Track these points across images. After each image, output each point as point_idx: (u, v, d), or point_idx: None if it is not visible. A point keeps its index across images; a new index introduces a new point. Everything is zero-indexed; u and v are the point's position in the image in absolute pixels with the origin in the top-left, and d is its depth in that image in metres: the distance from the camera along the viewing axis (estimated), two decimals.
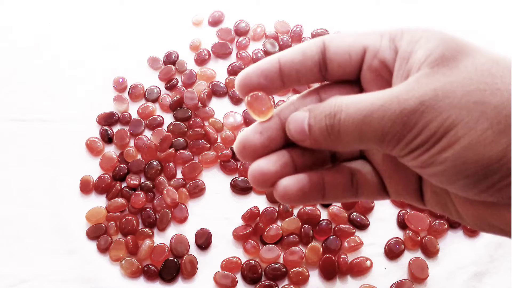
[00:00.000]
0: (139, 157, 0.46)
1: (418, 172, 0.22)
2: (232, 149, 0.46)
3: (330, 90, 0.25)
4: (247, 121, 0.48)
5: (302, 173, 0.24)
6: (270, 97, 0.24)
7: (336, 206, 0.44)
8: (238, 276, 0.41)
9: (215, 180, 0.46)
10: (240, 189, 0.45)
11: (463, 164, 0.20)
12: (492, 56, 0.21)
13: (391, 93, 0.21)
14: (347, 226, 0.43)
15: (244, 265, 0.41)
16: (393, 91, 0.21)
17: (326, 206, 0.44)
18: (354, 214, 0.43)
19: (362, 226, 0.43)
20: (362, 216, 0.43)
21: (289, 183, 0.23)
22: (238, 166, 0.46)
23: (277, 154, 0.24)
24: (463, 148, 0.20)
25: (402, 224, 0.43)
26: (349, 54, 0.24)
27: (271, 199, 0.44)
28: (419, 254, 0.42)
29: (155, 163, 0.46)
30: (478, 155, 0.20)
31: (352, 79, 0.25)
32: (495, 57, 0.21)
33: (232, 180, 0.45)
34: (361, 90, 0.25)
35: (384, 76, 0.23)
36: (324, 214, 0.44)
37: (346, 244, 0.42)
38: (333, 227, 0.43)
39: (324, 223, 0.43)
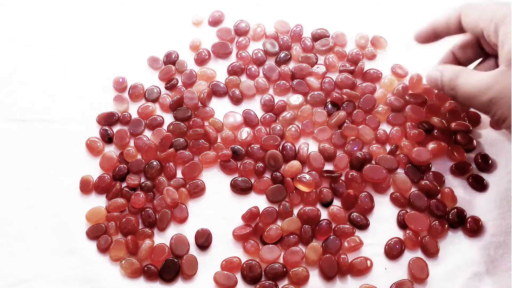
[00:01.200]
0: (139, 157, 0.47)
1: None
2: (232, 149, 0.46)
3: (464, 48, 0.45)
4: (247, 121, 0.48)
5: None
6: None
7: (336, 206, 0.44)
8: (238, 276, 0.41)
9: (215, 180, 0.46)
10: (240, 189, 0.45)
11: None
12: None
13: (489, 77, 0.37)
14: (347, 226, 0.43)
15: (244, 265, 0.41)
16: (490, 77, 0.37)
17: (326, 205, 0.44)
18: (354, 214, 0.43)
19: (362, 226, 0.43)
20: (362, 216, 0.43)
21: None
22: (238, 166, 0.46)
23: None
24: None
25: (402, 224, 0.43)
26: (473, 29, 0.40)
27: (271, 199, 0.44)
28: (419, 254, 0.42)
29: (155, 163, 0.46)
30: None
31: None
32: None
33: (232, 180, 0.45)
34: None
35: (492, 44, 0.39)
36: (324, 214, 0.44)
37: (346, 244, 0.42)
38: (333, 227, 0.43)
39: (324, 223, 0.43)
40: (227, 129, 0.48)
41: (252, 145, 0.46)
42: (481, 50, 0.43)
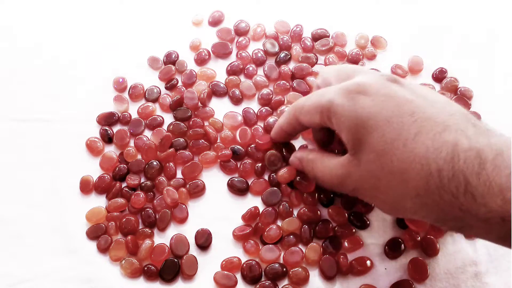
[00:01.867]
0: (139, 157, 0.46)
1: None
2: (231, 149, 0.46)
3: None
4: (247, 121, 0.48)
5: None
6: None
7: (335, 207, 0.44)
8: (238, 276, 0.41)
9: (215, 180, 0.46)
10: (237, 189, 0.45)
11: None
12: (384, 143, 0.33)
13: (338, 174, 0.37)
14: (347, 226, 0.43)
15: (244, 265, 0.41)
16: (339, 172, 0.37)
17: (326, 205, 0.44)
18: (354, 213, 0.43)
19: (362, 226, 0.43)
20: (362, 216, 0.43)
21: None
22: (238, 166, 0.46)
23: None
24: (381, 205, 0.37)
25: (402, 224, 0.43)
26: (315, 125, 0.39)
27: (266, 202, 0.44)
28: (419, 254, 0.42)
29: (155, 163, 0.46)
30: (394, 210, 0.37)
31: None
32: (379, 148, 0.33)
33: (229, 180, 0.45)
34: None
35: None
36: (324, 215, 0.44)
37: (346, 244, 0.42)
38: (333, 227, 0.43)
39: (324, 223, 0.43)
40: (226, 129, 0.48)
41: (252, 145, 0.46)
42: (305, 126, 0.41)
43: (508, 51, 0.52)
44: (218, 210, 0.44)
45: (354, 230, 0.43)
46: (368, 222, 0.43)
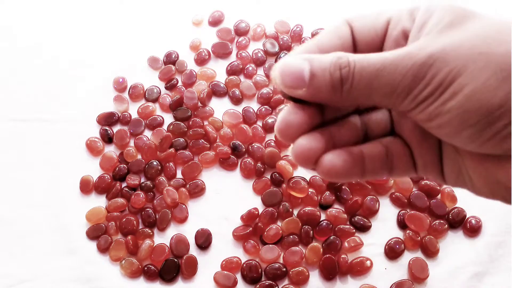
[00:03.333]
0: (139, 157, 0.46)
1: (426, 127, 0.23)
2: (232, 145, 0.46)
3: None
4: (246, 120, 0.48)
5: (342, 148, 0.24)
6: None
7: (334, 209, 0.44)
8: (238, 276, 0.41)
9: (215, 180, 0.46)
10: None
11: (467, 113, 0.20)
12: (499, 19, 0.22)
13: (402, 50, 0.22)
14: (347, 226, 0.43)
15: (244, 265, 0.41)
16: (404, 48, 0.22)
17: (324, 208, 0.44)
18: (357, 217, 0.43)
19: (364, 228, 0.43)
20: (364, 219, 0.43)
21: (334, 158, 0.23)
22: (238, 163, 0.46)
23: (316, 132, 0.24)
24: (466, 96, 0.20)
25: (402, 224, 0.43)
26: (375, 30, 0.25)
27: (266, 202, 0.44)
28: (419, 254, 0.42)
29: (155, 163, 0.46)
30: (481, 102, 0.20)
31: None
32: (502, 20, 0.22)
33: None
34: None
35: (403, 45, 0.24)
36: (323, 216, 0.44)
37: (346, 244, 0.42)
38: (333, 227, 0.43)
39: (324, 223, 0.43)
40: (226, 126, 0.48)
41: (253, 144, 0.46)
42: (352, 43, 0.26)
43: None
44: (218, 210, 0.44)
45: (354, 230, 0.43)
46: (370, 224, 0.43)
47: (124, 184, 0.45)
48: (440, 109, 0.21)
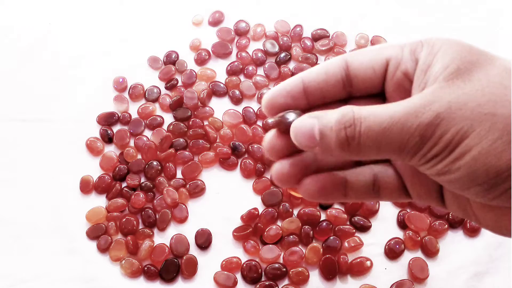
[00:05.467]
0: (139, 157, 0.46)
1: (435, 179, 0.23)
2: (232, 144, 0.46)
3: (357, 103, 0.25)
4: (246, 120, 0.48)
5: (325, 173, 0.25)
6: None
7: (334, 209, 0.44)
8: (238, 276, 0.41)
9: (215, 180, 0.46)
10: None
11: (475, 173, 0.21)
12: (505, 67, 0.22)
13: (408, 106, 0.22)
14: (348, 226, 0.43)
15: (244, 265, 0.41)
16: (410, 104, 0.22)
17: (324, 208, 0.44)
18: (357, 217, 0.43)
19: (364, 228, 0.43)
20: (364, 219, 0.43)
21: (311, 183, 0.25)
22: (239, 162, 0.46)
23: (299, 156, 0.25)
24: (474, 158, 0.21)
25: (402, 224, 0.43)
26: (372, 68, 0.25)
27: (267, 203, 0.44)
28: (419, 254, 0.42)
29: (155, 163, 0.46)
30: (488, 164, 0.20)
31: (376, 92, 0.26)
32: (508, 67, 0.22)
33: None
34: (384, 101, 0.26)
35: (406, 87, 0.24)
36: (323, 216, 0.44)
37: (346, 244, 0.42)
38: (333, 227, 0.43)
39: (324, 223, 0.43)
40: (226, 126, 0.48)
41: (253, 144, 0.46)
42: (343, 83, 0.26)
43: (508, 51, 0.52)
44: (218, 210, 0.44)
45: (354, 230, 0.43)
46: (370, 224, 0.43)
47: (124, 184, 0.45)
48: (449, 167, 0.21)
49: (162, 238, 0.43)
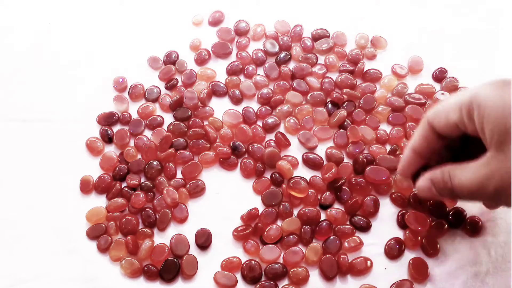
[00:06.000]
0: (139, 157, 0.46)
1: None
2: (232, 144, 0.46)
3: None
4: (246, 120, 0.48)
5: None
6: None
7: (334, 209, 0.44)
8: (238, 276, 0.41)
9: (215, 180, 0.46)
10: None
11: None
12: None
13: (480, 174, 0.32)
14: (347, 226, 0.43)
15: (244, 265, 0.41)
16: (481, 174, 0.32)
17: (324, 208, 0.44)
18: (357, 217, 0.43)
19: (364, 228, 0.43)
20: (364, 219, 0.43)
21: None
22: (239, 162, 0.46)
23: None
24: None
25: (402, 224, 0.43)
26: (450, 129, 0.35)
27: (266, 202, 0.44)
28: (419, 254, 0.42)
29: (155, 163, 0.46)
30: None
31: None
32: None
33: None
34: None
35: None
36: (323, 216, 0.43)
37: (346, 244, 0.42)
38: (333, 227, 0.43)
39: (324, 223, 0.43)
40: (226, 126, 0.48)
41: (253, 144, 0.46)
42: (439, 138, 0.37)
43: (508, 51, 0.52)
44: (218, 210, 0.44)
45: (354, 230, 0.43)
46: (370, 224, 0.43)
47: (124, 184, 0.45)
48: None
49: (162, 238, 0.43)
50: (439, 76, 0.51)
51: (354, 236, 0.42)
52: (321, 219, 0.43)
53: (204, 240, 0.43)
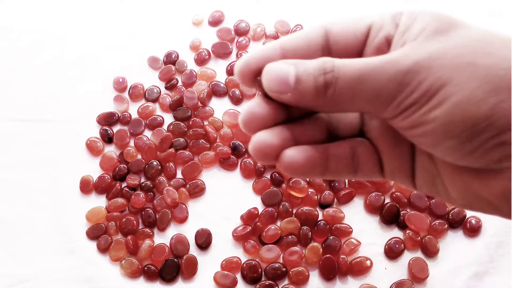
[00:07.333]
0: (139, 157, 0.46)
1: (407, 136, 0.23)
2: (232, 144, 0.46)
3: None
4: None
5: (307, 145, 0.24)
6: None
7: (332, 208, 0.44)
8: (238, 276, 0.41)
9: (215, 180, 0.46)
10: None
11: (451, 123, 0.20)
12: (484, 30, 0.22)
13: (387, 56, 0.22)
14: (344, 225, 0.43)
15: (244, 265, 0.41)
16: (389, 54, 0.22)
17: (323, 207, 0.44)
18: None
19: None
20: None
21: (295, 153, 0.23)
22: (239, 162, 0.46)
23: (279, 127, 0.24)
24: (452, 106, 0.20)
25: (402, 224, 0.43)
26: (354, 34, 0.24)
27: (266, 202, 0.44)
28: (419, 254, 0.42)
29: (155, 163, 0.46)
30: (466, 113, 0.20)
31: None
32: (488, 30, 0.22)
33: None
34: None
35: (386, 52, 0.24)
36: (320, 216, 0.44)
37: (345, 247, 0.42)
38: (331, 227, 0.43)
39: (322, 223, 0.43)
40: (226, 126, 0.48)
41: None
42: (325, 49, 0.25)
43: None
44: (218, 210, 0.44)
45: (351, 229, 0.43)
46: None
47: (124, 184, 0.45)
48: (425, 117, 0.21)
49: (162, 238, 0.43)
50: None
51: (351, 238, 0.42)
52: (318, 219, 0.43)
53: (204, 240, 0.43)
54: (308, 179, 0.45)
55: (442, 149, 0.21)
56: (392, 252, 0.42)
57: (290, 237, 0.42)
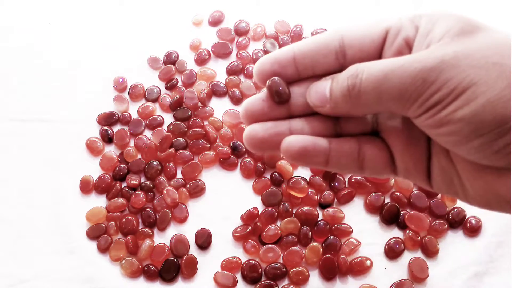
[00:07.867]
0: (139, 157, 0.46)
1: (431, 134, 0.22)
2: (232, 144, 0.46)
3: None
4: None
5: (309, 135, 0.24)
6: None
7: (332, 209, 0.44)
8: (238, 276, 0.41)
9: (215, 180, 0.46)
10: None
11: (480, 122, 0.20)
12: (508, 33, 0.22)
13: (412, 55, 0.22)
14: (344, 225, 0.43)
15: (244, 265, 0.41)
16: (414, 54, 0.22)
17: (323, 207, 0.44)
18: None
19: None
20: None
21: (294, 139, 0.24)
22: (239, 162, 0.46)
23: (274, 122, 0.25)
24: (481, 106, 0.20)
25: (402, 224, 0.43)
26: (371, 38, 0.24)
27: (266, 202, 0.44)
28: (419, 254, 0.42)
29: (155, 163, 0.46)
30: (495, 113, 0.20)
31: None
32: (510, 33, 0.22)
33: None
34: None
35: (408, 54, 0.24)
36: (320, 216, 0.44)
37: (345, 247, 0.42)
38: (330, 227, 0.43)
39: (322, 223, 0.43)
40: (226, 126, 0.48)
41: None
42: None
43: None
44: (218, 210, 0.44)
45: (350, 229, 0.43)
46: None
47: (124, 184, 0.45)
48: (451, 116, 0.21)
49: (162, 238, 0.43)
50: None
51: (351, 238, 0.42)
52: (319, 219, 0.43)
53: (204, 240, 0.43)
54: (308, 179, 0.45)
55: (467, 148, 0.21)
56: (392, 252, 0.42)
57: (290, 237, 0.42)
